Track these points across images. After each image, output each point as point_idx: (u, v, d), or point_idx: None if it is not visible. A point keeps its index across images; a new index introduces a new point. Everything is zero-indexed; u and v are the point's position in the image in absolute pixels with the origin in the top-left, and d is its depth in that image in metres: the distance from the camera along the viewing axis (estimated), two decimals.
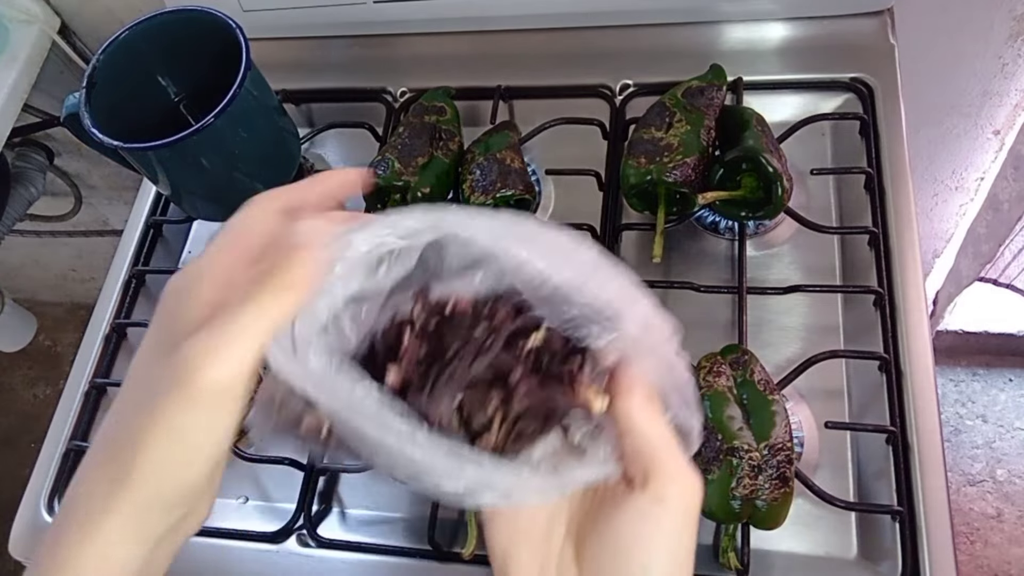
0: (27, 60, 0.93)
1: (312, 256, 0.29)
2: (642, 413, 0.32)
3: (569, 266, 0.32)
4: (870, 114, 0.70)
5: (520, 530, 0.34)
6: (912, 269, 0.63)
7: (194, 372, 0.27)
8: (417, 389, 0.31)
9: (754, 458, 0.52)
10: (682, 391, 0.35)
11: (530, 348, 0.32)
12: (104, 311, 0.75)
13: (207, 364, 0.27)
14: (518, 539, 0.34)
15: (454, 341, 0.32)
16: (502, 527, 0.35)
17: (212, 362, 0.27)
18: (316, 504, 0.64)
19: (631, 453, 0.32)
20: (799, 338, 0.65)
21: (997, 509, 1.44)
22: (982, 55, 0.86)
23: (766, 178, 0.61)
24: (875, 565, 0.56)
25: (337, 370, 0.30)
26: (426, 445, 0.29)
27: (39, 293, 1.82)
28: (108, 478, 0.28)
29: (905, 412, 0.58)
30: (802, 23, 0.76)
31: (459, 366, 0.31)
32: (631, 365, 0.33)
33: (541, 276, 0.31)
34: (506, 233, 0.31)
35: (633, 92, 0.75)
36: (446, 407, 0.31)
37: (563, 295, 0.32)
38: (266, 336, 0.28)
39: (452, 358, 0.31)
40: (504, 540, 0.35)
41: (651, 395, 0.33)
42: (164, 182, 0.66)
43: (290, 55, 0.84)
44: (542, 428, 0.33)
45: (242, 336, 0.28)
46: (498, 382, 0.31)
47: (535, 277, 0.31)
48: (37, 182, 1.19)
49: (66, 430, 0.70)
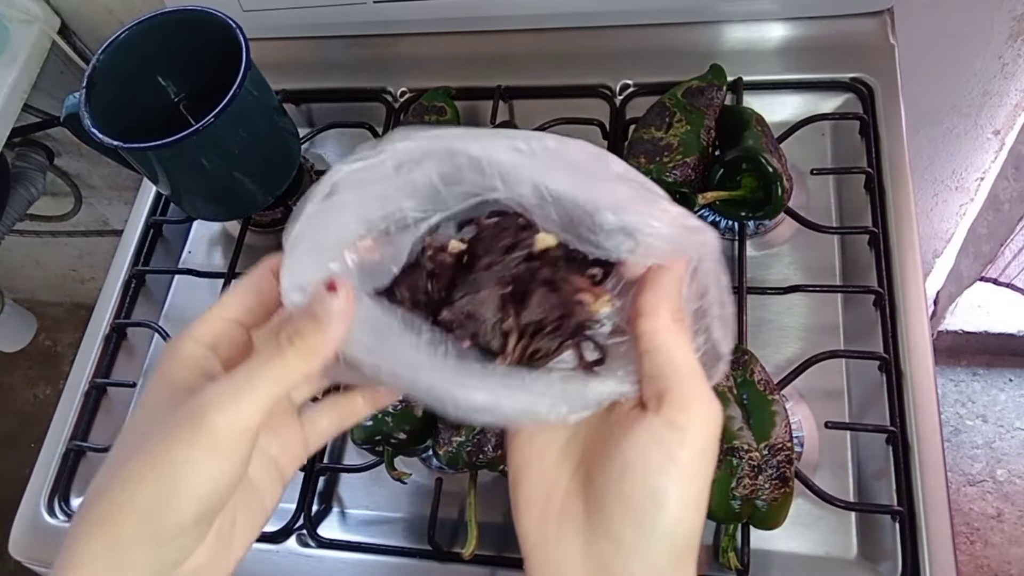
0: (27, 60, 0.93)
1: (335, 330, 0.29)
2: (667, 333, 0.30)
3: (592, 179, 0.31)
4: (870, 114, 0.70)
5: (533, 455, 0.33)
6: (912, 269, 0.63)
7: (211, 413, 0.28)
8: (434, 307, 0.31)
9: (754, 458, 0.52)
10: (721, 306, 0.32)
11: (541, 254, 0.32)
12: (104, 311, 0.75)
13: (226, 407, 0.28)
14: (530, 463, 0.33)
15: (473, 260, 0.32)
16: (519, 448, 0.34)
17: (231, 407, 0.28)
18: (316, 504, 0.64)
19: (649, 375, 0.30)
20: (799, 338, 0.65)
21: (997, 509, 1.44)
22: (982, 55, 0.86)
23: (766, 178, 0.61)
24: (875, 565, 0.56)
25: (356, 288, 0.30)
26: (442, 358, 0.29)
27: (39, 293, 1.82)
28: (93, 508, 0.28)
29: (905, 412, 0.58)
30: (802, 23, 0.76)
31: (477, 282, 0.31)
32: (661, 275, 0.31)
33: (564, 191, 0.30)
34: (522, 148, 0.31)
35: (633, 92, 0.75)
36: (463, 322, 0.31)
37: (586, 208, 0.30)
38: (281, 394, 0.29)
39: (469, 277, 0.31)
40: (518, 461, 0.34)
41: (678, 314, 0.31)
42: (164, 182, 0.66)
43: (290, 55, 0.84)
44: (558, 345, 0.32)
45: (262, 388, 0.28)
46: (515, 296, 0.31)
47: (556, 192, 0.30)
48: (37, 182, 1.19)
49: (66, 430, 0.70)
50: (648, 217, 0.30)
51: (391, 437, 0.57)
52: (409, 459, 0.64)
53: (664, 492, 0.29)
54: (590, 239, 0.31)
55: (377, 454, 0.61)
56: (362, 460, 0.63)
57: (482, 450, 0.55)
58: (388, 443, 0.58)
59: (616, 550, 0.29)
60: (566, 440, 0.33)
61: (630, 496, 0.29)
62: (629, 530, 0.29)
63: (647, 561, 0.29)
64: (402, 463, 0.63)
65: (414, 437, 0.58)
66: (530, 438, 0.34)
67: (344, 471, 0.65)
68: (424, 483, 0.63)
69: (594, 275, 0.33)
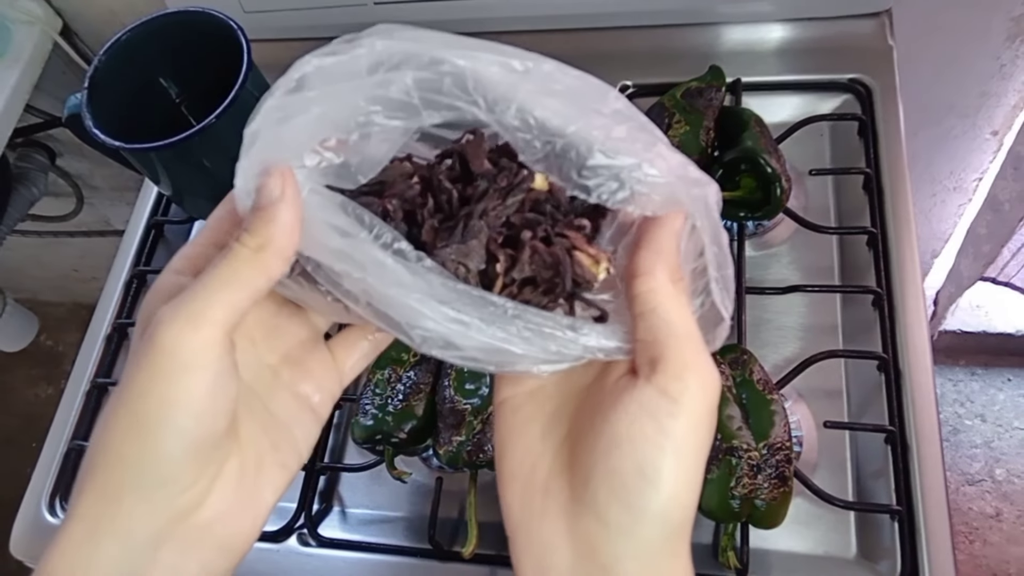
0: (29, 61, 0.93)
1: (284, 216, 0.27)
2: (664, 294, 0.28)
3: (587, 113, 0.28)
4: (868, 115, 0.70)
5: (518, 423, 0.31)
6: (911, 269, 0.63)
7: (161, 331, 0.25)
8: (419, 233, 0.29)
9: (753, 457, 0.52)
10: (720, 267, 0.30)
11: (534, 201, 0.29)
12: (105, 311, 0.76)
13: (176, 320, 0.25)
14: (515, 432, 0.31)
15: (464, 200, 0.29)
16: (503, 419, 0.32)
17: (182, 319, 0.25)
18: (316, 503, 0.64)
19: (643, 339, 0.28)
20: (798, 338, 0.65)
21: (996, 508, 1.44)
22: (980, 56, 0.86)
23: (765, 179, 0.61)
24: (874, 564, 0.56)
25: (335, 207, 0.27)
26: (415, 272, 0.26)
27: (41, 293, 1.82)
28: (85, 460, 0.27)
29: (904, 412, 0.58)
30: (801, 24, 0.76)
31: (469, 230, 0.29)
32: (657, 231, 0.29)
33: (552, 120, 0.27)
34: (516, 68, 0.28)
35: (632, 93, 0.76)
36: (451, 266, 0.28)
37: (575, 143, 0.28)
38: (241, 298, 0.26)
39: (460, 221, 0.29)
40: (502, 433, 0.32)
41: (676, 274, 0.29)
42: (165, 182, 0.66)
43: (291, 56, 0.82)
44: (548, 300, 0.29)
45: (217, 293, 0.26)
46: (505, 246, 0.29)
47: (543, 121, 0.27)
48: (39, 182, 1.19)
49: (67, 430, 0.70)
50: (644, 163, 0.27)
51: (391, 436, 0.58)
52: (409, 458, 0.64)
53: (655, 468, 0.26)
54: (574, 178, 0.28)
55: (378, 453, 0.61)
56: (363, 459, 0.64)
57: (482, 449, 0.56)
58: (388, 442, 0.58)
59: (602, 529, 0.27)
60: (552, 412, 0.31)
61: (617, 472, 0.27)
62: (616, 508, 0.27)
63: (636, 542, 0.27)
64: (402, 462, 0.64)
65: (414, 436, 0.58)
66: (515, 410, 0.32)
67: (345, 470, 0.65)
68: (424, 482, 0.63)
69: (583, 226, 0.30)
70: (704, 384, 0.27)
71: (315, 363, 0.33)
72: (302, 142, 0.28)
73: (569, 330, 0.27)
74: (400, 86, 0.28)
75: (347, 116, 0.28)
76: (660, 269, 0.28)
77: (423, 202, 0.30)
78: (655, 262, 0.28)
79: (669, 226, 0.29)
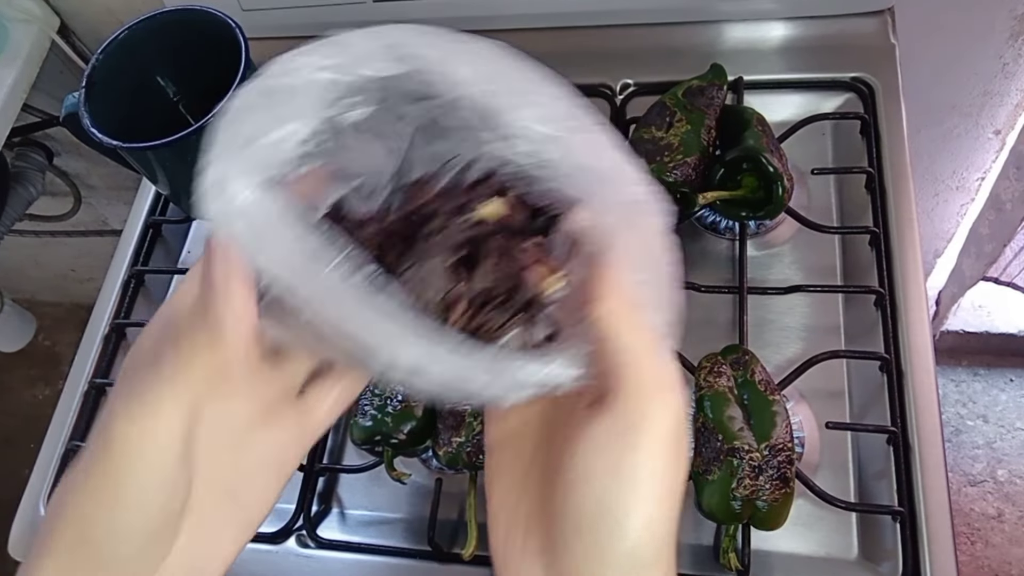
0: (26, 60, 0.93)
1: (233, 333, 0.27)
2: (615, 316, 0.27)
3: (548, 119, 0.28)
4: (871, 114, 0.70)
5: (505, 461, 0.31)
6: (913, 269, 0.63)
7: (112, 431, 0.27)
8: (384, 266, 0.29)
9: (755, 458, 0.52)
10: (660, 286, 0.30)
11: (487, 219, 0.29)
12: (103, 311, 0.75)
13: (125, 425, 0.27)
14: (501, 470, 0.31)
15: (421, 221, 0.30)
16: (494, 454, 0.32)
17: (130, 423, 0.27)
18: (315, 505, 0.64)
19: (600, 367, 0.27)
20: (800, 338, 0.65)
21: (998, 509, 1.43)
22: (983, 55, 0.86)
23: (767, 178, 0.61)
24: (876, 566, 0.56)
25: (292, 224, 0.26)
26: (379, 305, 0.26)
27: (38, 293, 1.82)
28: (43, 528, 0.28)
29: (906, 412, 0.58)
30: (803, 23, 0.76)
31: (425, 250, 0.29)
32: (611, 252, 0.28)
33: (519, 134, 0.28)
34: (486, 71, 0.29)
35: (633, 92, 0.75)
36: (411, 286, 0.28)
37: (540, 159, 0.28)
38: (197, 397, 0.27)
39: (417, 243, 0.29)
40: (491, 468, 0.32)
41: (633, 300, 0.28)
42: (163, 182, 0.66)
43: None
44: (506, 320, 0.29)
45: (163, 395, 0.27)
46: (466, 262, 0.29)
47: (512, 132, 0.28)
48: (36, 182, 1.19)
49: (65, 430, 0.70)
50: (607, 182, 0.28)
51: (391, 437, 0.57)
52: (409, 459, 0.64)
53: (620, 505, 0.25)
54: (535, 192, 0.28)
55: (377, 454, 0.60)
56: (362, 460, 0.63)
57: (482, 451, 0.55)
58: (388, 443, 0.58)
59: (572, 570, 0.26)
60: (534, 448, 0.31)
61: (582, 511, 0.26)
62: (582, 549, 0.26)
63: None
64: (402, 463, 0.63)
65: (414, 437, 0.58)
66: (503, 447, 0.32)
67: (344, 471, 0.65)
68: (424, 483, 0.63)
69: (540, 243, 0.30)
70: (666, 403, 0.26)
71: (289, 414, 0.32)
72: (266, 157, 0.28)
73: (530, 362, 0.27)
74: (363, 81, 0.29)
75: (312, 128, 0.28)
76: (614, 294, 0.28)
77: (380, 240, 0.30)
78: (605, 286, 0.28)
79: (617, 248, 0.29)
